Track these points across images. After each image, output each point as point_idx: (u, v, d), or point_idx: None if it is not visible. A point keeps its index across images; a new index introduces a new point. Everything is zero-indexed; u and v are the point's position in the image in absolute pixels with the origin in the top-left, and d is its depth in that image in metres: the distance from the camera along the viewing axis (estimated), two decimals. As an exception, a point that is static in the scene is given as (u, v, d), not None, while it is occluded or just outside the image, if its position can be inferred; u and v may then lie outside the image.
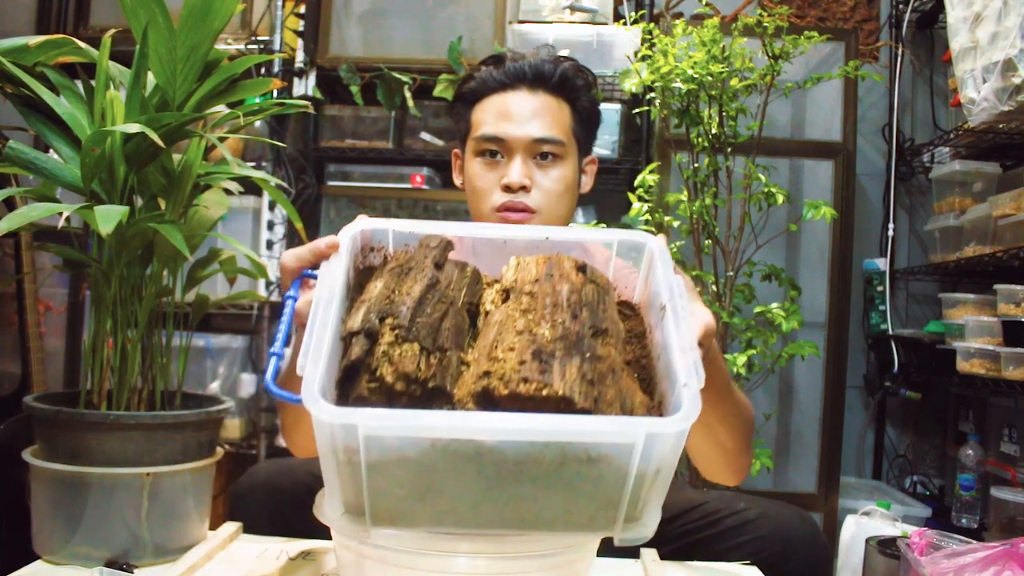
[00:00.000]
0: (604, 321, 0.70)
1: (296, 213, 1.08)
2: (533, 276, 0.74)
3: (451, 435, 0.60)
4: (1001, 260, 2.11)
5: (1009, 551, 1.03)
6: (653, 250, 0.80)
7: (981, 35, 1.94)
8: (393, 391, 0.64)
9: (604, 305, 0.73)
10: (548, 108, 1.18)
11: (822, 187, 2.44)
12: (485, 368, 0.65)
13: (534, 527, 0.67)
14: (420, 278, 0.73)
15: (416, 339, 0.66)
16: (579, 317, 0.68)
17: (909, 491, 2.61)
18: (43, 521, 0.91)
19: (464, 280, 0.77)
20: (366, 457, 0.61)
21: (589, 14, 2.43)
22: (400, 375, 0.64)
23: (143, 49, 0.88)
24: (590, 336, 0.67)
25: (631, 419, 0.63)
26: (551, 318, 0.68)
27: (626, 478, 0.63)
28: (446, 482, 0.63)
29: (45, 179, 0.93)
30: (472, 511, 0.65)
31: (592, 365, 0.64)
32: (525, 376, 0.62)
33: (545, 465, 0.62)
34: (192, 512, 0.95)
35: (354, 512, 0.66)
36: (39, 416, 0.91)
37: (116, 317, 0.94)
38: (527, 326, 0.67)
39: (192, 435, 0.94)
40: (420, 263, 0.75)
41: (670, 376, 0.68)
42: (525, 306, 0.70)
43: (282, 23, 2.45)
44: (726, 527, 1.13)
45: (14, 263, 1.88)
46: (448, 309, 0.71)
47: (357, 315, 0.68)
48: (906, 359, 2.54)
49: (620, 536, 0.68)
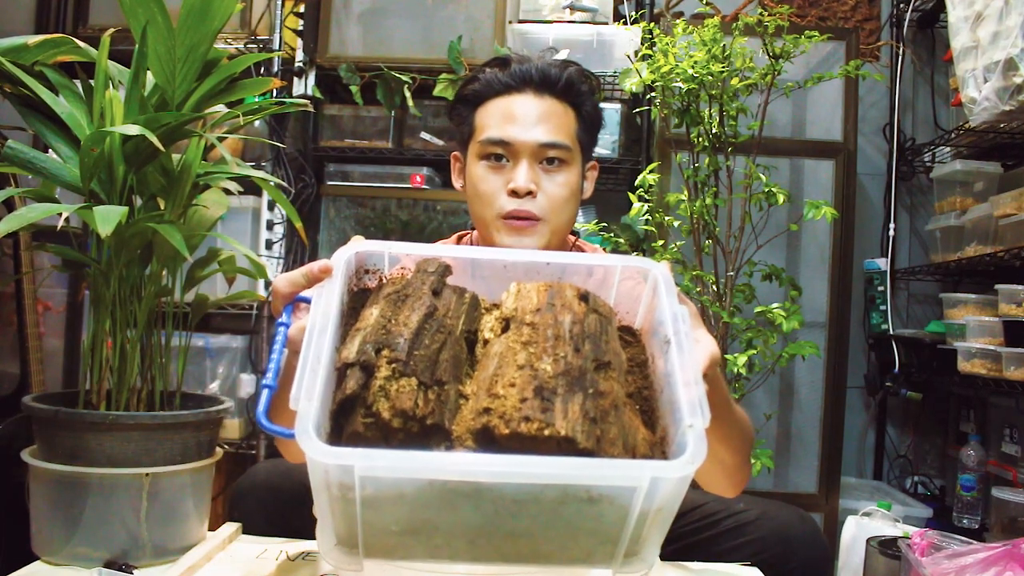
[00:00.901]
0: (607, 354, 0.68)
1: (295, 213, 1.08)
2: (534, 305, 0.72)
3: (450, 477, 0.59)
4: (1002, 260, 2.10)
5: (1010, 551, 1.02)
6: (657, 277, 0.78)
7: (982, 34, 1.94)
8: (390, 428, 0.62)
9: (607, 336, 0.71)
10: (554, 113, 1.17)
11: (823, 187, 2.44)
12: (485, 404, 0.63)
13: (531, 562, 0.66)
14: (417, 307, 0.70)
15: (414, 373, 0.64)
16: (581, 351, 0.67)
17: (910, 491, 2.61)
18: (42, 521, 0.91)
19: (463, 307, 0.75)
20: (361, 494, 0.60)
21: (589, 14, 2.43)
22: (397, 412, 0.62)
23: (142, 48, 0.88)
24: (592, 370, 0.66)
25: (635, 463, 0.62)
26: (553, 352, 0.66)
27: (627, 517, 0.62)
28: (442, 519, 0.62)
29: (44, 179, 0.92)
30: (468, 547, 0.64)
31: (595, 402, 0.63)
32: (527, 415, 0.61)
33: (545, 504, 0.61)
34: (191, 512, 0.95)
35: (347, 544, 0.65)
36: (38, 416, 0.91)
37: (115, 317, 0.94)
38: (528, 360, 0.66)
39: (191, 435, 0.94)
40: (417, 289, 0.73)
41: (674, 412, 0.67)
42: (526, 338, 0.68)
43: (282, 22, 2.45)
44: (726, 528, 1.13)
45: (13, 263, 1.88)
46: (446, 340, 0.69)
47: (352, 345, 0.66)
48: (907, 359, 2.53)
49: (618, 571, 0.67)
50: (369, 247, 0.78)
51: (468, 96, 1.21)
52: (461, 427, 0.64)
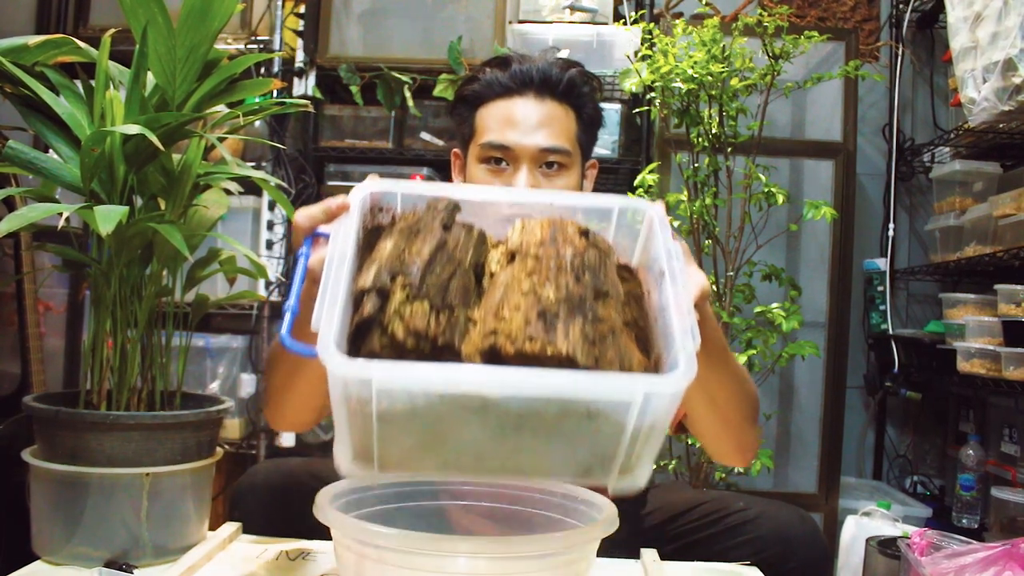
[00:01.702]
0: (605, 284, 0.73)
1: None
2: (538, 239, 0.77)
3: (460, 389, 0.63)
4: (1001, 260, 2.11)
5: (1010, 551, 1.02)
6: (652, 216, 0.82)
7: (981, 35, 1.94)
8: (404, 347, 0.66)
9: (605, 269, 0.76)
10: (555, 116, 1.16)
11: (822, 187, 2.44)
12: (492, 327, 0.67)
13: (533, 475, 0.72)
14: (429, 239, 0.75)
15: (426, 297, 0.68)
16: (581, 280, 0.71)
17: (909, 491, 2.61)
18: (43, 521, 0.91)
19: (471, 241, 0.79)
20: (377, 408, 0.64)
21: (589, 14, 2.43)
22: (411, 332, 0.66)
23: (143, 49, 0.88)
24: (592, 298, 0.70)
25: (631, 377, 0.66)
26: (555, 280, 0.70)
27: (622, 433, 0.67)
28: (452, 433, 0.67)
29: (45, 179, 0.92)
30: (475, 460, 0.69)
31: (593, 326, 0.67)
32: (531, 335, 0.65)
33: (546, 419, 0.65)
34: (192, 512, 0.95)
35: (362, 459, 0.69)
36: (39, 416, 0.91)
37: (116, 317, 0.94)
38: (532, 287, 0.70)
39: (192, 435, 0.94)
40: (428, 224, 0.77)
41: (667, 337, 0.71)
42: (530, 268, 0.73)
43: (282, 23, 2.45)
44: (726, 527, 1.13)
45: (14, 263, 1.88)
46: (456, 269, 0.73)
47: (369, 273, 0.70)
48: (906, 359, 2.53)
49: (614, 486, 0.71)
50: (383, 186, 0.82)
51: (468, 96, 1.20)
52: (470, 347, 0.68)
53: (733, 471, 1.94)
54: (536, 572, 0.77)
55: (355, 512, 0.87)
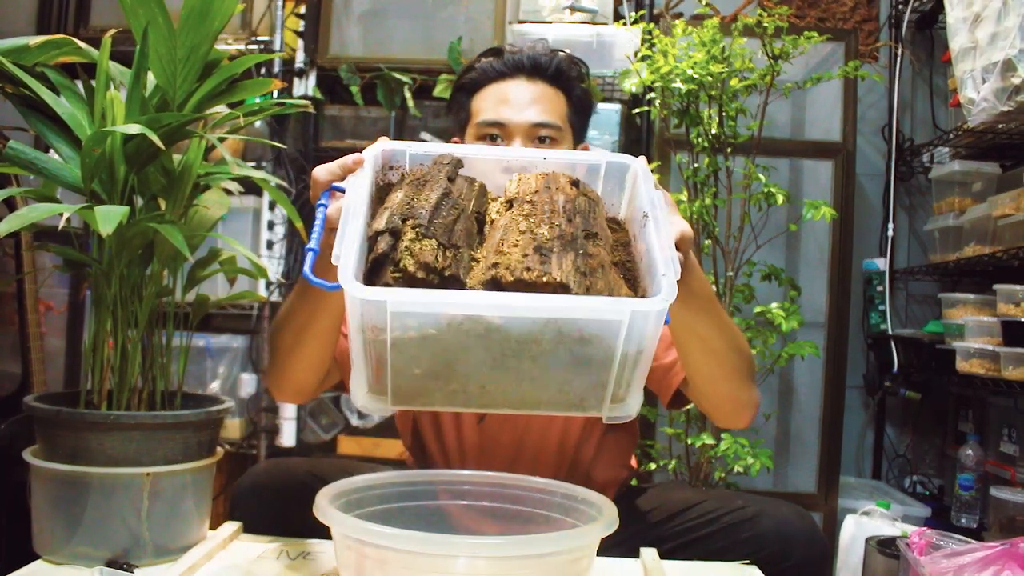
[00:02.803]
0: (595, 226, 0.80)
1: (296, 213, 1.08)
2: (533, 188, 0.85)
3: (466, 311, 0.69)
4: (1001, 260, 2.11)
5: (1009, 551, 1.03)
6: (637, 170, 0.89)
7: (981, 35, 1.94)
8: (415, 279, 0.72)
9: (594, 214, 0.83)
10: (545, 95, 1.25)
11: (822, 187, 2.44)
12: (493, 261, 0.74)
13: (534, 407, 0.77)
14: (435, 188, 0.82)
15: (434, 236, 0.75)
16: (573, 221, 0.78)
17: (909, 491, 2.61)
18: (43, 521, 0.91)
19: (473, 192, 0.86)
20: (392, 335, 0.70)
21: (589, 14, 2.43)
22: (420, 265, 0.72)
23: (143, 49, 0.88)
24: (583, 237, 0.77)
25: (618, 299, 0.72)
26: (549, 221, 0.77)
27: (613, 357, 0.73)
28: (458, 361, 0.73)
29: (45, 179, 0.93)
30: (480, 391, 0.75)
31: (585, 260, 0.74)
32: (528, 266, 0.72)
33: (543, 344, 0.72)
34: (192, 512, 0.95)
35: (377, 392, 0.76)
36: (39, 416, 0.91)
37: (116, 317, 0.94)
38: (528, 228, 0.77)
39: (192, 435, 0.95)
40: (435, 176, 0.85)
41: (651, 272, 0.77)
42: (527, 212, 0.80)
43: (282, 23, 2.45)
44: (724, 524, 1.14)
45: (14, 263, 1.88)
46: (460, 215, 0.80)
47: (381, 219, 0.77)
48: (906, 359, 2.54)
49: (608, 415, 0.78)
50: (394, 145, 0.91)
51: (465, 84, 1.29)
52: (474, 280, 0.74)
53: (733, 470, 1.94)
54: (536, 572, 0.77)
55: (355, 512, 0.87)
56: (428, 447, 1.31)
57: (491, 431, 1.26)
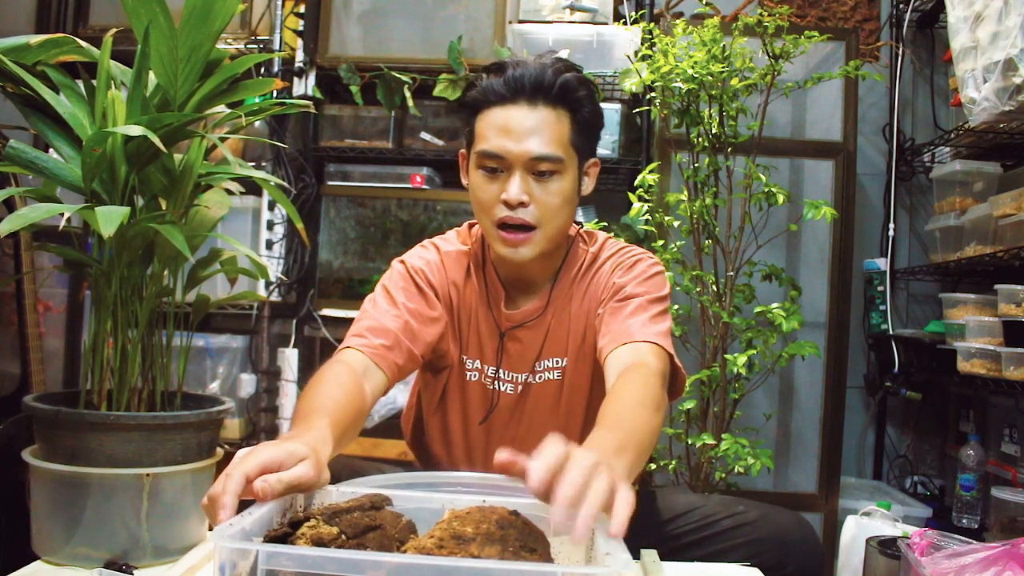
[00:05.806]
0: (535, 543, 0.71)
1: (296, 213, 1.08)
2: (465, 511, 0.75)
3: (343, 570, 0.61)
4: (1002, 260, 2.11)
5: (1010, 551, 1.02)
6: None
7: (982, 35, 1.94)
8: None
9: (535, 537, 0.73)
10: (547, 123, 1.18)
11: (822, 187, 2.44)
12: (402, 550, 0.69)
13: None
14: (351, 503, 0.76)
15: (338, 526, 0.69)
16: (505, 530, 0.70)
17: (909, 491, 2.61)
18: (43, 521, 0.91)
19: (399, 522, 0.77)
20: None
21: (589, 14, 2.43)
22: (315, 540, 0.67)
23: (144, 49, 0.88)
24: (518, 547, 0.68)
25: (543, 564, 0.66)
26: (477, 525, 0.70)
27: None
28: None
29: (46, 179, 0.92)
30: None
31: (514, 556, 0.66)
32: (442, 547, 0.66)
33: None
34: (192, 512, 0.95)
35: None
36: (39, 416, 0.91)
37: (116, 317, 0.94)
38: (451, 527, 0.70)
39: (192, 435, 0.94)
40: (353, 500, 0.78)
41: None
42: (457, 516, 0.73)
43: (282, 23, 2.45)
44: (724, 528, 1.14)
45: (14, 263, 1.88)
46: (377, 528, 0.73)
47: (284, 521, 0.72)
48: (906, 359, 2.53)
49: None
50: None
51: (468, 102, 1.25)
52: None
53: (733, 470, 1.94)
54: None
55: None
56: (433, 448, 1.32)
57: (495, 431, 1.27)
